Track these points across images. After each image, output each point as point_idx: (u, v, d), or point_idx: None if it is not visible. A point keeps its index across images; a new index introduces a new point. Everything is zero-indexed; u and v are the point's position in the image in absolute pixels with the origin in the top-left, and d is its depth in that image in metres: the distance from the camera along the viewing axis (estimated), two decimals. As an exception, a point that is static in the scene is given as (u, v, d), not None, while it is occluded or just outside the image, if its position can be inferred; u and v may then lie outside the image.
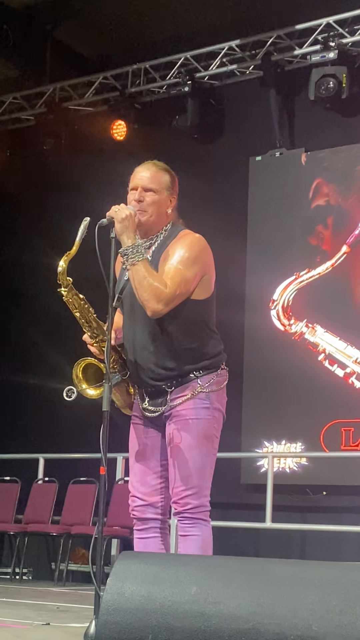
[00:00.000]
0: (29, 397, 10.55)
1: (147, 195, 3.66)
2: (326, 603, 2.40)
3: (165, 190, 3.70)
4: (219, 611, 2.46)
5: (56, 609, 6.01)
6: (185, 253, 3.59)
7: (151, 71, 10.44)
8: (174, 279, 3.52)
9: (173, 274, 3.53)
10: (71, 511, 9.01)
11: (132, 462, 3.73)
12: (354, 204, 9.19)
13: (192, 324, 3.62)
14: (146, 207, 3.65)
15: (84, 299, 3.63)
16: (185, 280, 3.55)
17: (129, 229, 3.55)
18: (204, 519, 3.57)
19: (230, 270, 8.69)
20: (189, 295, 3.58)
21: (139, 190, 3.67)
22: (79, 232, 3.52)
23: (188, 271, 3.56)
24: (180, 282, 3.53)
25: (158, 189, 3.68)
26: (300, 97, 9.64)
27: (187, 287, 3.56)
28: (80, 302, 3.61)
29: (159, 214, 3.68)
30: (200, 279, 3.62)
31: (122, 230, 3.54)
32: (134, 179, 3.71)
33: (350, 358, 8.95)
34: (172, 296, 3.51)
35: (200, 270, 3.61)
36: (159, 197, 3.68)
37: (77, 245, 3.53)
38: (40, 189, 10.94)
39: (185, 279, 3.55)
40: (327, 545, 8.54)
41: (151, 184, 3.68)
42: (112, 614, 2.57)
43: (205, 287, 3.65)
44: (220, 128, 10.17)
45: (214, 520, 3.70)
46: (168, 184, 3.71)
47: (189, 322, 3.61)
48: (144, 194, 3.66)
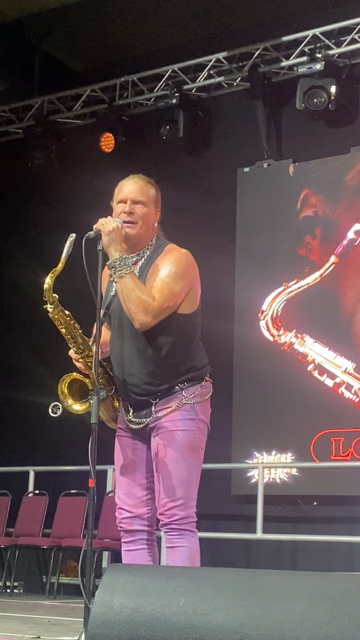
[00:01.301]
0: (18, 410, 10.52)
1: (137, 208, 3.67)
2: (314, 614, 2.40)
3: (152, 203, 3.72)
4: (207, 622, 2.46)
5: (47, 623, 5.99)
6: (172, 268, 3.61)
7: (139, 83, 10.46)
8: (162, 292, 3.54)
9: (161, 288, 3.55)
10: (62, 524, 8.99)
11: (118, 474, 3.74)
12: (341, 214, 9.22)
13: (179, 338, 3.63)
14: (137, 219, 3.66)
15: (69, 315, 3.64)
16: (172, 294, 3.56)
17: (116, 241, 3.56)
18: (191, 529, 3.57)
19: (219, 281, 8.72)
20: (176, 309, 3.60)
21: (128, 203, 3.67)
22: (65, 249, 3.53)
23: (175, 285, 3.58)
24: (168, 296, 3.55)
25: (146, 202, 3.70)
26: (287, 109, 9.68)
27: (174, 300, 3.58)
28: (66, 318, 3.62)
29: (147, 227, 3.70)
30: (187, 293, 3.64)
31: (109, 243, 3.56)
32: (121, 192, 3.72)
33: (339, 368, 8.97)
34: (160, 309, 3.52)
35: (187, 284, 3.63)
36: (147, 209, 3.69)
37: (62, 261, 3.53)
38: (28, 202, 10.95)
39: (173, 293, 3.57)
40: (318, 555, 8.53)
41: (140, 196, 3.69)
42: (100, 626, 2.56)
43: (191, 301, 3.67)
44: (208, 140, 10.19)
45: (205, 531, 3.72)
46: (154, 197, 3.74)
47: (176, 337, 3.62)
48: (134, 206, 3.67)
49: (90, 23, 10.11)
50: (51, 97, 10.89)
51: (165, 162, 9.76)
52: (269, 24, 9.63)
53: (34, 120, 10.88)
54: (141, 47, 10.26)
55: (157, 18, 9.84)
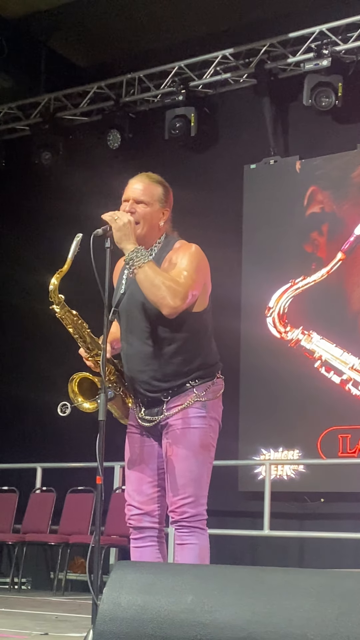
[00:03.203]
0: (26, 407, 10.54)
1: (138, 207, 3.65)
2: (322, 611, 2.40)
3: (158, 203, 3.68)
4: (214, 620, 2.47)
5: (55, 619, 6.00)
6: (187, 261, 3.57)
7: (145, 80, 10.46)
8: (184, 277, 3.51)
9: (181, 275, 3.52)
10: (69, 520, 9.00)
11: (128, 471, 3.74)
12: (348, 210, 9.22)
13: (190, 337, 3.62)
14: (138, 218, 3.63)
15: (77, 314, 3.62)
16: (194, 282, 3.54)
17: (129, 235, 3.51)
18: (201, 527, 3.57)
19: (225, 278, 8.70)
20: (196, 299, 3.57)
21: (130, 202, 3.65)
22: (71, 249, 3.49)
23: (195, 275, 3.56)
24: (191, 282, 3.52)
25: (150, 202, 3.66)
26: (294, 105, 9.67)
27: (197, 288, 3.55)
28: (73, 318, 3.60)
29: (150, 227, 3.66)
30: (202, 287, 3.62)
31: (121, 238, 3.51)
32: (126, 191, 3.70)
33: (346, 365, 8.96)
34: (186, 292, 3.48)
35: (202, 278, 3.61)
36: (150, 209, 3.66)
37: (69, 262, 3.49)
38: (35, 199, 10.96)
39: (194, 281, 3.55)
40: (325, 552, 8.54)
41: (143, 196, 3.66)
42: (108, 623, 2.57)
43: (202, 299, 3.65)
44: (214, 136, 10.20)
45: (212, 528, 3.71)
46: (161, 196, 3.69)
47: (186, 335, 3.61)
48: (135, 206, 3.65)
49: (96, 20, 10.11)
50: (58, 94, 10.91)
51: (171, 159, 9.76)
52: (275, 21, 9.62)
53: (40, 117, 10.90)
54: (147, 43, 10.26)
55: (163, 15, 9.84)
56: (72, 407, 3.69)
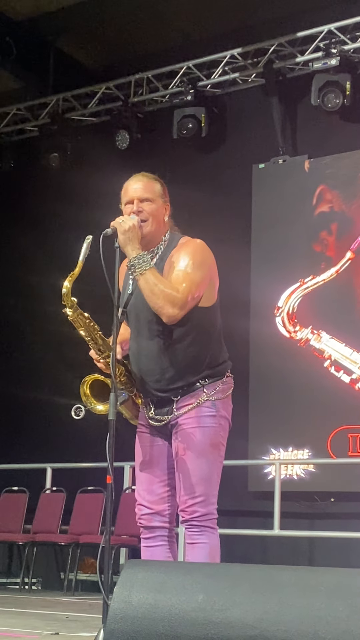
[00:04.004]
0: (36, 408, 10.56)
1: (145, 205, 3.66)
2: (333, 609, 2.40)
3: (160, 198, 3.70)
4: (225, 618, 2.47)
5: (65, 619, 6.01)
6: (190, 258, 3.59)
7: (154, 80, 10.47)
8: (185, 282, 3.52)
9: (183, 279, 3.54)
10: (79, 520, 9.01)
11: (139, 470, 3.74)
12: (357, 210, 9.20)
13: (198, 333, 3.63)
14: (146, 216, 3.65)
15: (89, 317, 3.63)
16: (195, 284, 3.55)
17: (133, 240, 3.54)
18: (212, 526, 3.57)
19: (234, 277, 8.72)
20: (199, 299, 3.59)
21: (135, 202, 3.66)
22: (82, 252, 3.50)
23: (196, 275, 3.57)
24: (191, 286, 3.53)
25: (153, 198, 3.69)
26: (302, 104, 9.66)
27: (198, 290, 3.56)
28: (85, 320, 3.61)
29: (158, 223, 3.68)
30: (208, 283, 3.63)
31: (125, 242, 3.54)
32: (126, 193, 3.70)
33: (356, 364, 8.95)
34: (185, 300, 3.51)
35: (207, 273, 3.62)
36: (155, 205, 3.68)
37: (80, 265, 3.50)
38: (44, 200, 10.97)
39: (196, 283, 3.55)
40: (335, 552, 8.52)
41: (146, 193, 3.68)
42: (119, 622, 2.57)
43: (209, 294, 3.66)
44: (223, 136, 10.20)
45: (222, 528, 3.71)
46: (160, 192, 3.72)
47: (195, 332, 3.62)
48: (141, 204, 3.66)
49: (104, 21, 10.12)
50: (66, 94, 10.92)
51: (180, 159, 9.76)
52: (283, 20, 9.61)
53: (49, 118, 10.91)
54: (156, 44, 10.27)
55: (171, 15, 9.84)
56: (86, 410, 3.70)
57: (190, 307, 3.54)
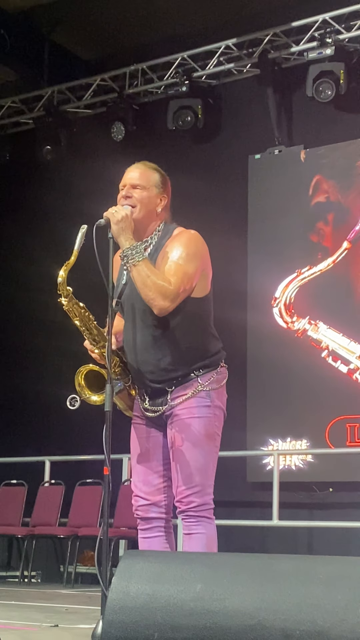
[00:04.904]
0: (34, 401, 10.55)
1: (135, 192, 3.68)
2: (331, 598, 2.40)
3: (155, 188, 3.70)
4: (224, 608, 2.47)
5: (65, 611, 6.01)
6: (183, 249, 3.60)
7: (148, 72, 10.44)
8: (177, 275, 3.53)
9: (175, 271, 3.54)
10: (78, 513, 9.02)
11: (134, 462, 3.74)
12: (354, 200, 9.19)
13: (192, 323, 3.62)
14: (134, 202, 3.66)
15: (84, 307, 3.63)
16: (187, 276, 3.55)
17: (126, 230, 3.55)
18: (208, 516, 3.57)
19: (231, 268, 8.72)
20: (192, 291, 3.59)
21: (126, 187, 3.69)
22: (77, 241, 3.51)
23: (189, 266, 3.57)
24: (184, 278, 3.54)
25: (146, 186, 3.69)
26: (298, 94, 9.63)
27: (190, 282, 3.57)
28: (80, 310, 3.61)
29: (148, 212, 3.68)
30: (200, 275, 3.63)
31: (119, 232, 3.55)
32: (123, 178, 3.75)
33: (353, 354, 8.95)
34: (177, 292, 3.51)
35: (200, 265, 3.62)
36: (147, 193, 3.68)
37: (75, 254, 3.52)
38: (40, 192, 10.95)
39: (188, 275, 3.55)
40: (334, 541, 8.54)
41: (139, 180, 3.70)
42: (117, 612, 2.57)
43: (202, 284, 3.66)
44: (218, 127, 10.17)
45: (221, 519, 3.72)
46: (157, 182, 3.72)
47: (189, 322, 3.61)
48: (132, 190, 3.68)
49: (99, 12, 10.09)
50: (61, 87, 10.89)
51: (176, 150, 9.75)
52: (278, 10, 9.58)
53: (44, 110, 10.88)
54: (150, 35, 10.24)
55: (165, 6, 9.81)
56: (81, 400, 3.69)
57: (181, 299, 3.54)
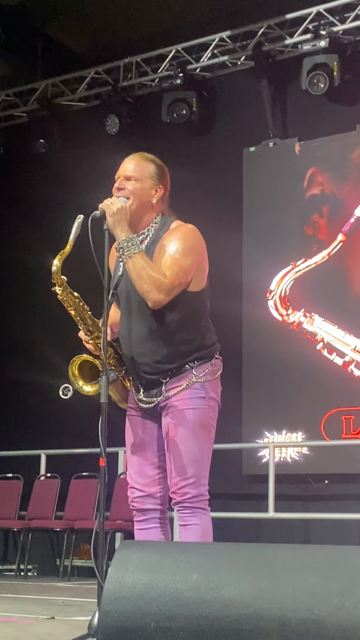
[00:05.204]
0: (29, 394, 10.53)
1: (128, 184, 3.67)
2: (327, 586, 2.41)
3: (149, 179, 3.69)
4: (220, 597, 2.47)
5: (61, 603, 6.02)
6: (180, 243, 3.59)
7: (143, 64, 10.42)
8: (172, 268, 3.53)
9: (171, 264, 3.54)
10: (74, 506, 9.03)
11: (130, 454, 3.74)
12: (348, 192, 9.19)
13: (187, 316, 3.63)
14: (127, 194, 3.65)
15: (78, 297, 3.63)
16: (183, 270, 3.55)
17: (122, 222, 3.54)
18: (203, 507, 3.58)
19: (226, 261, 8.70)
20: (187, 285, 3.59)
21: (120, 179, 3.69)
22: (73, 230, 3.51)
23: (185, 261, 3.57)
24: (179, 272, 3.54)
25: (140, 178, 3.68)
26: (292, 87, 9.62)
27: (185, 276, 3.57)
28: (75, 300, 3.61)
29: (141, 203, 3.67)
30: (196, 269, 3.62)
31: (114, 224, 3.54)
32: (118, 170, 3.74)
33: (348, 346, 8.96)
34: (172, 286, 3.51)
35: (197, 259, 3.62)
36: (140, 185, 3.67)
37: (70, 243, 3.51)
38: (35, 185, 10.93)
39: (184, 269, 3.55)
40: (330, 533, 8.55)
41: (133, 172, 3.69)
42: (113, 603, 2.58)
43: (199, 278, 3.66)
44: (213, 120, 10.16)
45: (217, 511, 3.72)
46: (152, 173, 3.70)
47: (184, 315, 3.62)
48: (125, 182, 3.68)
49: (92, 5, 10.05)
50: (55, 80, 10.86)
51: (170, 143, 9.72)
52: (272, 2, 9.56)
53: (38, 103, 10.85)
54: (144, 27, 10.20)
55: (159, -2, 9.80)
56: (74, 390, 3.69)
57: (176, 293, 3.54)
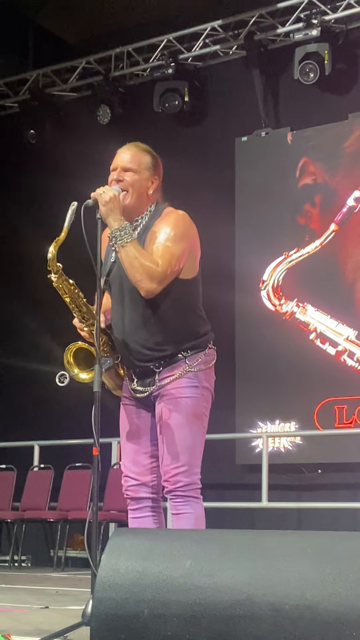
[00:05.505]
0: (22, 385, 10.54)
1: (126, 175, 3.65)
2: (320, 572, 2.41)
3: (146, 171, 3.68)
4: (213, 583, 2.47)
5: (55, 593, 6.02)
6: (171, 230, 3.58)
7: (134, 54, 10.40)
8: (164, 256, 3.52)
9: (162, 252, 3.53)
10: (68, 497, 9.03)
11: (124, 442, 3.74)
12: (340, 181, 9.19)
13: (180, 304, 3.62)
14: (126, 186, 3.63)
15: (73, 284, 3.62)
16: (175, 257, 3.54)
17: (115, 211, 3.53)
18: (196, 496, 3.57)
19: (219, 251, 8.70)
20: (179, 272, 3.58)
21: (118, 170, 3.66)
22: (67, 218, 3.50)
23: (176, 248, 3.56)
24: (171, 260, 3.53)
25: (138, 169, 3.66)
26: (284, 76, 9.62)
27: (177, 264, 3.56)
28: (70, 287, 3.61)
29: (139, 195, 3.66)
30: (188, 256, 3.62)
31: (107, 213, 3.53)
32: (115, 160, 3.71)
33: (341, 336, 8.97)
34: (164, 274, 3.51)
35: (188, 246, 3.61)
36: (138, 177, 3.66)
37: (65, 230, 3.51)
38: (26, 175, 10.90)
39: (175, 256, 3.55)
40: (323, 522, 8.57)
41: (130, 164, 3.66)
42: (107, 590, 2.57)
43: (190, 266, 3.65)
44: (205, 109, 10.14)
45: (210, 501, 3.73)
46: (149, 164, 3.69)
47: (177, 303, 3.61)
48: (123, 173, 3.65)
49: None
50: (46, 70, 10.84)
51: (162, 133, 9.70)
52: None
53: (29, 94, 10.83)
54: (136, 17, 10.18)
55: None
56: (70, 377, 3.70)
57: (169, 281, 3.54)
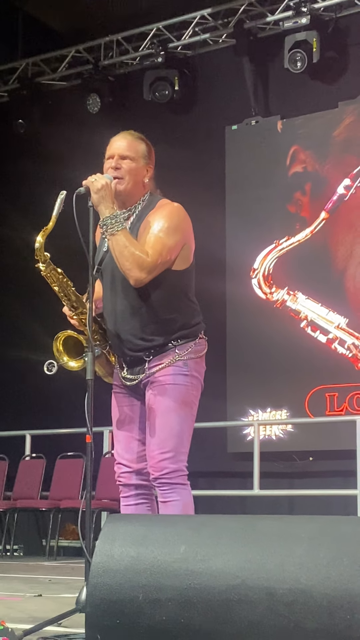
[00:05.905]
0: (13, 374, 10.53)
1: (124, 163, 3.65)
2: (314, 556, 2.42)
3: (142, 159, 3.69)
4: (208, 568, 2.49)
5: (48, 581, 6.04)
6: (165, 222, 3.59)
7: (124, 43, 10.37)
8: (155, 247, 3.52)
9: (154, 243, 3.53)
10: (60, 486, 9.04)
11: (116, 430, 3.75)
12: (330, 169, 9.20)
13: (172, 294, 3.62)
14: (123, 174, 3.64)
15: (62, 273, 3.63)
16: (166, 249, 3.55)
17: (106, 199, 3.53)
18: (182, 482, 3.57)
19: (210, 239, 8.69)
20: (170, 264, 3.58)
21: (115, 158, 3.66)
22: (56, 207, 3.50)
23: (169, 239, 3.56)
24: (162, 251, 3.53)
25: (135, 157, 3.67)
26: (274, 64, 9.60)
27: (168, 255, 3.56)
28: (58, 276, 3.61)
29: (135, 182, 3.67)
30: (181, 248, 3.62)
31: (99, 201, 3.53)
32: (110, 148, 3.70)
33: (332, 324, 8.99)
34: (154, 264, 3.51)
35: (181, 239, 3.61)
36: (135, 165, 3.67)
37: (53, 220, 3.51)
38: (17, 164, 10.87)
39: (167, 247, 3.55)
40: (315, 510, 8.59)
41: (127, 151, 3.67)
42: (102, 575, 2.59)
43: (184, 257, 3.65)
44: (195, 98, 10.13)
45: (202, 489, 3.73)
46: (144, 152, 3.70)
47: (169, 293, 3.61)
48: (121, 161, 3.65)
49: (72, -17, 9.99)
50: (35, 59, 10.81)
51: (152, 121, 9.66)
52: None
53: (18, 83, 10.80)
54: (125, 5, 10.13)
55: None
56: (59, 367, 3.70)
57: (159, 272, 3.54)
